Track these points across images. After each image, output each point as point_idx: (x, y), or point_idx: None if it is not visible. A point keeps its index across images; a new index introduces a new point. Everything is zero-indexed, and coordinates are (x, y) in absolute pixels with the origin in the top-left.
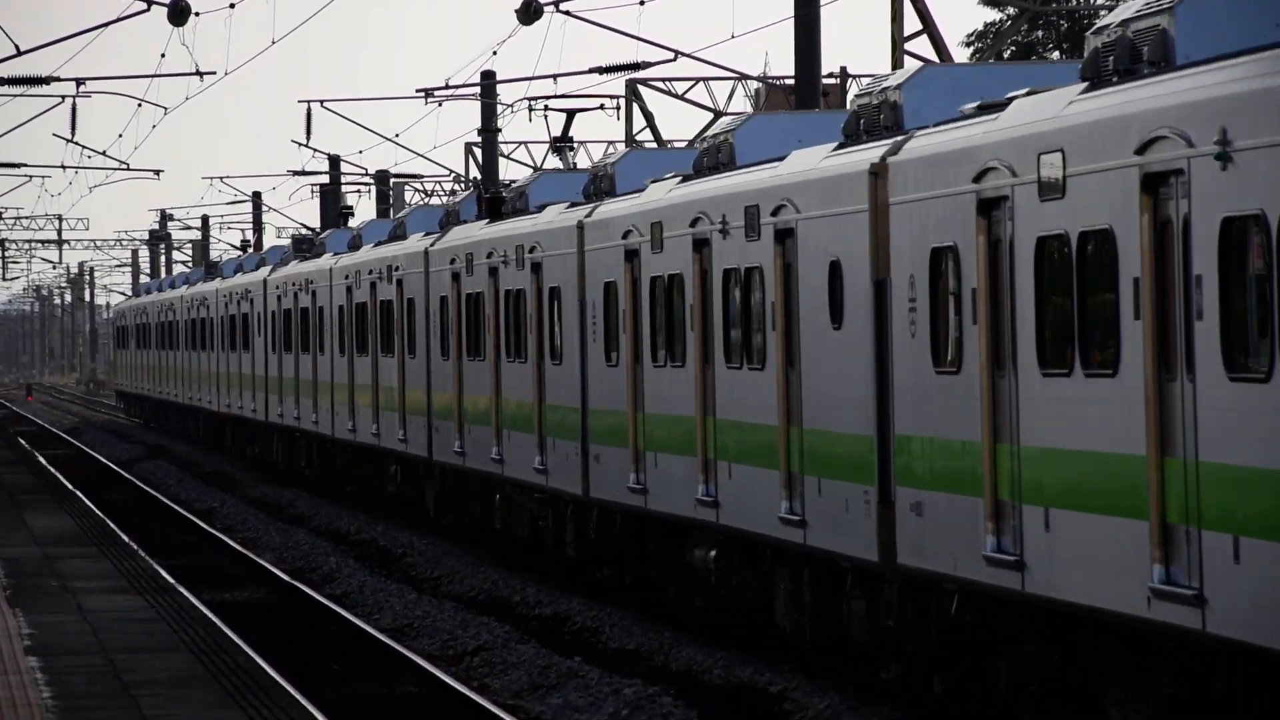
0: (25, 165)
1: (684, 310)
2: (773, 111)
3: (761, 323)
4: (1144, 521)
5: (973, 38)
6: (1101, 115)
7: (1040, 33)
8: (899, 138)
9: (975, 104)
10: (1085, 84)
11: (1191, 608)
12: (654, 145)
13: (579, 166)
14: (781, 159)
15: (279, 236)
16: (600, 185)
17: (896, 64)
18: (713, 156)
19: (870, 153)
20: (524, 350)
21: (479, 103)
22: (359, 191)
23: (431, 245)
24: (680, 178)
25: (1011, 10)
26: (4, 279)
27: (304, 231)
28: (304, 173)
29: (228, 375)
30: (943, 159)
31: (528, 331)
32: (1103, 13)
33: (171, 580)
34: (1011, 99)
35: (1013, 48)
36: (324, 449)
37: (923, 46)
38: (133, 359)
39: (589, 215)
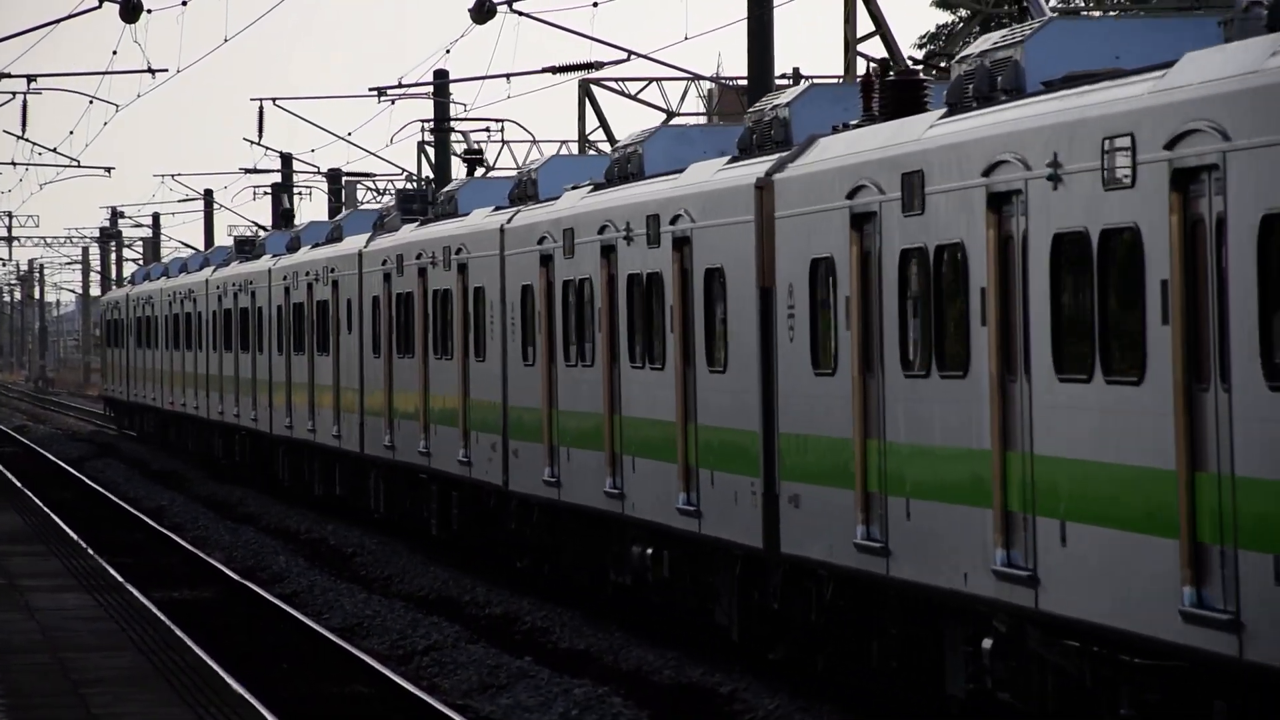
0: None
1: None
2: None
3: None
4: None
5: (925, 39)
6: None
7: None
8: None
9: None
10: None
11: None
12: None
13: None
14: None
15: (230, 235)
16: None
17: (849, 66)
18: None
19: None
20: (962, 360)
21: (432, 101)
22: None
23: (773, 174)
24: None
25: (964, 12)
26: None
27: (252, 230)
28: (256, 170)
29: (287, 386)
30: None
31: (1014, 329)
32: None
33: (120, 579)
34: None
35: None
36: (479, 503)
37: (875, 48)
38: (131, 360)
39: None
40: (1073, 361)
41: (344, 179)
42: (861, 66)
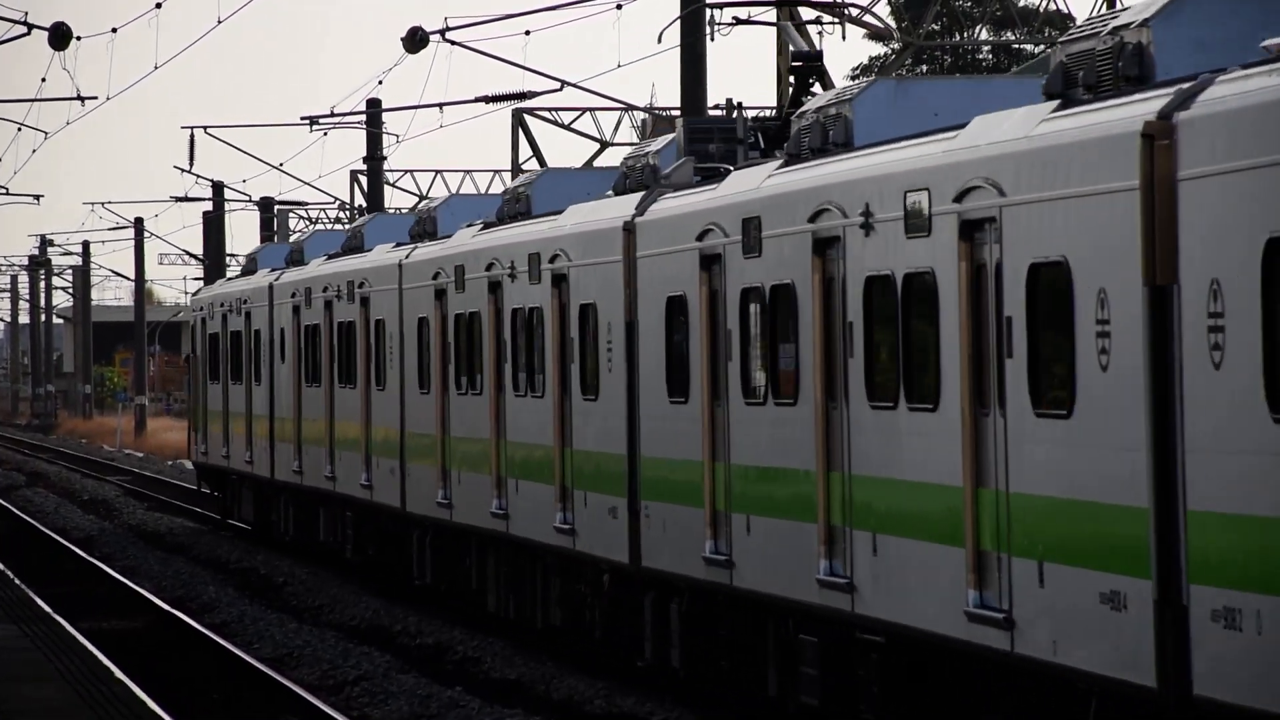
0: None
1: None
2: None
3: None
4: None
5: (858, 71)
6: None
7: (925, 67)
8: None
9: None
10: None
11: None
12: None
13: None
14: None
15: (161, 263)
16: None
17: (781, 96)
18: None
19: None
20: None
21: (364, 131)
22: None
23: (1174, 114)
24: None
25: (896, 44)
26: None
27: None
28: (187, 199)
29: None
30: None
31: None
32: (985, 48)
33: (48, 609)
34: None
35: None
36: (581, 581)
37: None
38: (257, 404)
39: None
40: None
41: (276, 207)
42: None
